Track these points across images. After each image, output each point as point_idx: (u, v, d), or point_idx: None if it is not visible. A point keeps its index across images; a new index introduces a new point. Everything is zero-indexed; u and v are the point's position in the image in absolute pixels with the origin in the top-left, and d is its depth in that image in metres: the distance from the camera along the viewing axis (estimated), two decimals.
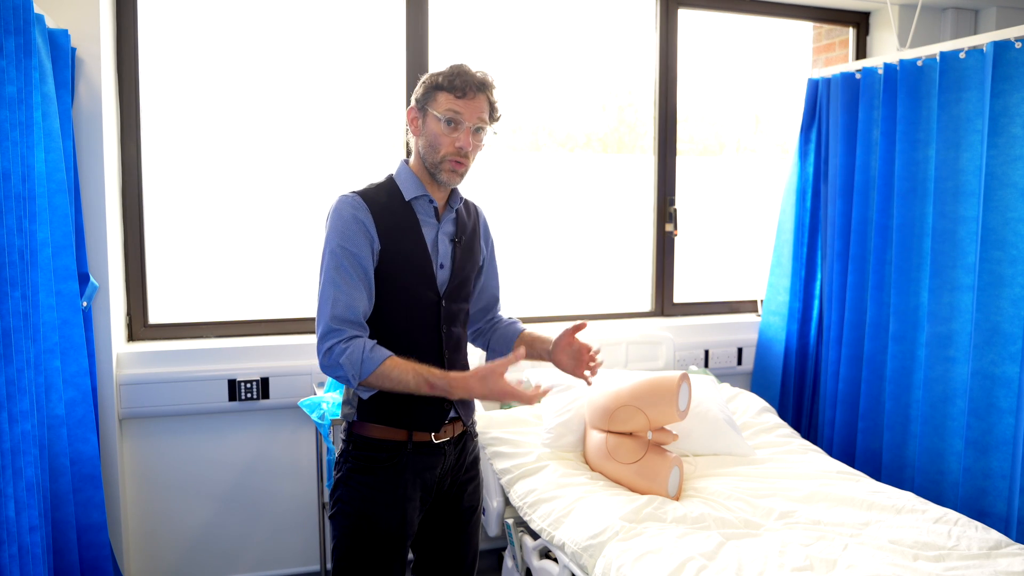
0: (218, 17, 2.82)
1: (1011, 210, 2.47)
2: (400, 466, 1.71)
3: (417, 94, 1.73)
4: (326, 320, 1.63)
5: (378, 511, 1.70)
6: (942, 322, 2.69)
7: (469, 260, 1.83)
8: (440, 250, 1.76)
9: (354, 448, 1.73)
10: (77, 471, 2.24)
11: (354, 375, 1.61)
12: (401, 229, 1.71)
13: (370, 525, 1.70)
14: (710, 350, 3.33)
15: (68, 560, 2.16)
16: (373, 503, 1.70)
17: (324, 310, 1.64)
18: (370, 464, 1.71)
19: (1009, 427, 2.46)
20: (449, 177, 1.72)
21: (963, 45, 2.62)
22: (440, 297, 1.75)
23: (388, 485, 1.71)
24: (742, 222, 3.66)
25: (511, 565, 2.45)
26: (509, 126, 3.28)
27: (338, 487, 1.75)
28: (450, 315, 1.78)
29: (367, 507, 1.70)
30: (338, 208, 1.68)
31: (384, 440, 1.71)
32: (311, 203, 2.92)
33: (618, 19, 3.32)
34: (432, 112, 1.69)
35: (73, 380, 2.22)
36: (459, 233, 1.81)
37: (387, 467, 1.71)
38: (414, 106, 1.74)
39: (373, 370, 1.60)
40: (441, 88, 1.69)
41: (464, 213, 1.85)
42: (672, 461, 2.25)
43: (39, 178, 2.02)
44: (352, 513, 1.71)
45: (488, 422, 2.61)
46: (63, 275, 2.18)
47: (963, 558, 1.92)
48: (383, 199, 1.72)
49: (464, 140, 1.69)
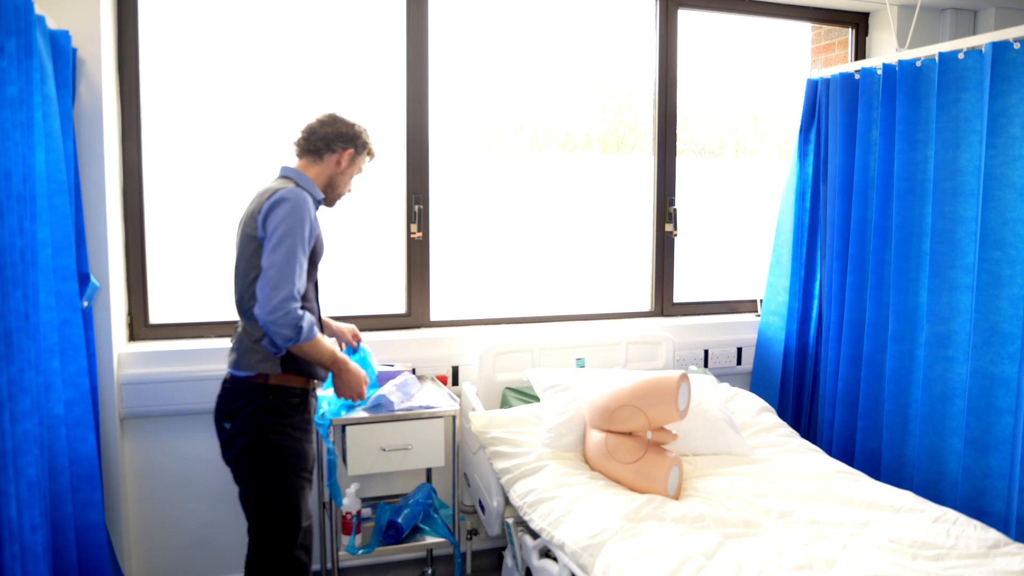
0: (218, 17, 2.83)
1: (1010, 210, 2.47)
2: (306, 407, 2.16)
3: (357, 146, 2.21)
4: (289, 290, 1.96)
5: (304, 445, 2.12)
6: (941, 322, 2.70)
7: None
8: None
9: (275, 398, 2.07)
10: (76, 471, 2.24)
11: (299, 337, 1.98)
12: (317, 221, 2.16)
13: (297, 456, 2.09)
14: (710, 350, 3.34)
15: (67, 559, 2.17)
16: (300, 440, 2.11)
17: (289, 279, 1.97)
18: (290, 407, 2.09)
19: (1008, 426, 2.47)
20: (333, 204, 2.26)
21: (962, 46, 2.62)
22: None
23: (302, 423, 2.13)
24: (741, 222, 3.66)
25: (511, 565, 2.46)
26: (509, 126, 3.29)
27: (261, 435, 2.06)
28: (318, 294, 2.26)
29: (298, 445, 2.10)
30: (302, 200, 2.03)
31: (296, 388, 2.11)
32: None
33: (618, 19, 3.32)
34: (357, 166, 2.24)
35: (72, 380, 2.23)
36: None
37: (299, 408, 2.12)
38: (353, 150, 2.20)
39: (310, 339, 2.01)
40: (369, 153, 2.26)
41: None
42: (672, 461, 2.25)
43: (40, 178, 2.02)
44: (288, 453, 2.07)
45: (488, 422, 2.61)
46: (63, 275, 2.18)
47: (962, 557, 1.92)
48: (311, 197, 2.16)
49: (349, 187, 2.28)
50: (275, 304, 1.94)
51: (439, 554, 3.05)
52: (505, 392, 2.93)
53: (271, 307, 1.94)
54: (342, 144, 2.18)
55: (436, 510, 2.72)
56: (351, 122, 2.20)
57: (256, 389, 2.06)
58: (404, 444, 2.47)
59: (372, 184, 2.95)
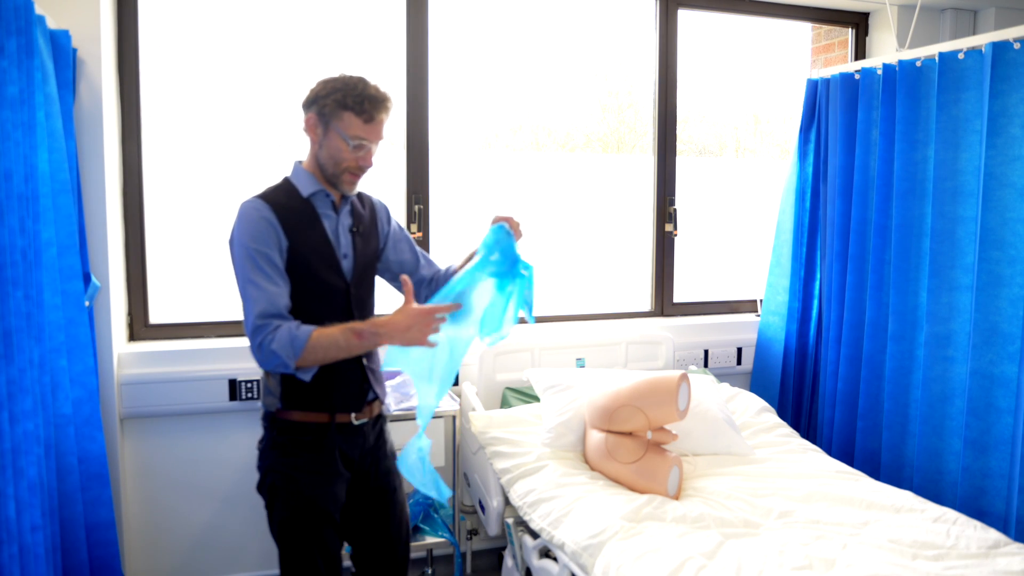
0: (219, 17, 2.83)
1: (1010, 210, 2.47)
2: (325, 445, 1.82)
3: (318, 105, 1.76)
4: (252, 319, 1.69)
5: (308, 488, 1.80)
6: (941, 322, 2.70)
7: (368, 248, 1.93)
8: (342, 241, 1.86)
9: (278, 433, 1.81)
10: (85, 469, 2.25)
11: (289, 356, 1.66)
12: (304, 224, 1.79)
13: (303, 501, 1.80)
14: (710, 350, 3.34)
15: (77, 558, 2.17)
16: (303, 482, 1.80)
17: (249, 309, 1.70)
18: (296, 447, 1.81)
19: (1007, 426, 2.47)
20: (348, 187, 1.82)
21: (962, 46, 2.62)
22: (348, 284, 1.85)
23: (314, 464, 1.81)
24: (742, 222, 3.66)
25: (511, 565, 2.46)
26: (509, 126, 3.29)
27: (268, 475, 1.83)
28: (359, 301, 1.88)
29: (299, 487, 1.80)
30: (244, 213, 1.75)
31: (307, 423, 1.80)
32: None
33: (618, 19, 3.32)
34: (336, 130, 1.76)
35: (80, 379, 2.23)
36: (356, 223, 1.90)
37: (312, 447, 1.81)
38: (313, 114, 1.78)
39: (304, 345, 1.66)
40: (347, 108, 1.74)
41: (359, 204, 1.94)
42: (672, 461, 2.25)
43: (42, 178, 2.03)
44: (286, 494, 1.80)
45: (488, 422, 2.61)
46: (68, 274, 2.18)
47: (962, 557, 1.92)
48: (283, 199, 1.80)
49: (366, 159, 1.79)
50: (249, 338, 1.70)
51: (439, 554, 3.05)
52: (505, 392, 2.93)
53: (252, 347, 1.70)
54: (305, 113, 1.81)
55: (436, 510, 2.72)
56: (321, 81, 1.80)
57: (268, 423, 1.85)
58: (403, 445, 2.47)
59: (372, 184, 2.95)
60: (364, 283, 1.91)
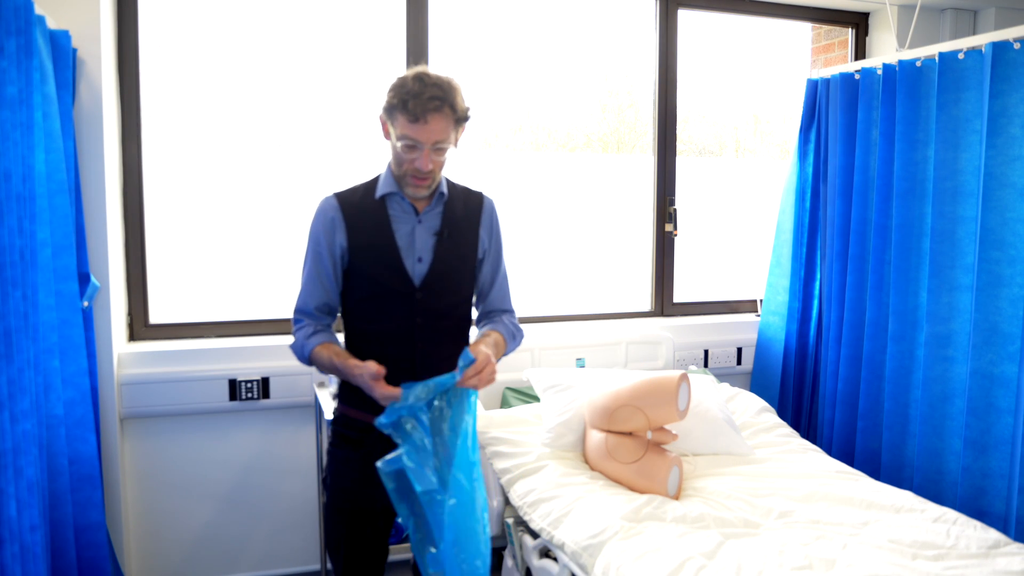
0: (218, 17, 2.83)
1: (1010, 210, 2.47)
2: (366, 444, 1.82)
3: (385, 103, 1.72)
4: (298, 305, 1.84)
5: (349, 483, 1.85)
6: (941, 322, 2.70)
7: (453, 254, 1.84)
8: (418, 243, 1.80)
9: (334, 424, 1.90)
10: (75, 471, 2.24)
11: (300, 358, 1.83)
12: (370, 225, 1.80)
13: (345, 496, 1.86)
14: (710, 350, 3.34)
15: (66, 560, 2.16)
16: (347, 477, 1.85)
17: (300, 296, 1.85)
18: (345, 440, 1.87)
19: (1008, 426, 2.47)
20: (414, 191, 1.78)
21: (962, 46, 2.62)
22: (415, 288, 1.79)
23: (359, 462, 1.82)
24: (742, 222, 3.66)
25: (511, 565, 2.46)
26: (509, 126, 3.29)
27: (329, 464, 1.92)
28: (430, 307, 1.81)
29: (342, 481, 1.86)
30: (318, 207, 1.85)
31: (356, 420, 1.83)
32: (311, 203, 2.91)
33: (618, 19, 3.32)
34: (393, 130, 1.73)
35: (72, 380, 2.22)
36: (444, 226, 1.82)
37: (355, 444, 1.84)
38: (383, 114, 1.75)
39: (308, 356, 1.81)
40: (396, 108, 1.68)
41: (458, 205, 1.86)
42: (672, 461, 2.25)
43: (39, 178, 2.02)
44: (331, 481, 1.89)
45: (488, 422, 2.61)
46: (63, 275, 2.18)
47: (962, 557, 1.92)
48: (357, 198, 1.83)
49: (422, 162, 1.71)
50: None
51: None
52: (505, 392, 2.93)
53: None
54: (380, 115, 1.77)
55: None
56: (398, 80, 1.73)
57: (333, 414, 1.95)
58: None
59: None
60: (441, 290, 1.81)
